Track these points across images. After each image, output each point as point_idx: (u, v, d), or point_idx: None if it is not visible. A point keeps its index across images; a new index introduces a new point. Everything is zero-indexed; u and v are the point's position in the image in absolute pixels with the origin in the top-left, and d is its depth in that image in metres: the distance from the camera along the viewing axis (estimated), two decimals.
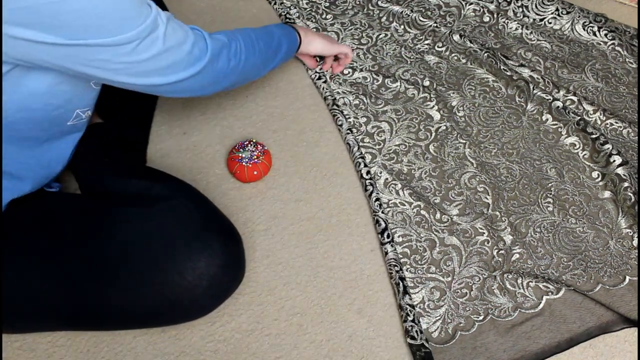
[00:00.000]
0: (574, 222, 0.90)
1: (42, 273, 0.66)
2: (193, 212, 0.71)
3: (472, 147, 0.99)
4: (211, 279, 0.68)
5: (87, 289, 0.67)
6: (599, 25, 1.14)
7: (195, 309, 0.71)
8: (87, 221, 0.70)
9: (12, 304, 0.65)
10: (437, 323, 0.80)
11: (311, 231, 0.90)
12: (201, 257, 0.67)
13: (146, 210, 0.70)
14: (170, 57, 0.63)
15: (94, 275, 0.66)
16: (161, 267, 0.63)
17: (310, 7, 1.19)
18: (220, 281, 0.70)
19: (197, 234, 0.69)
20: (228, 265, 0.71)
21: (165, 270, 0.63)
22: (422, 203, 0.92)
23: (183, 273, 0.66)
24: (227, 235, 0.73)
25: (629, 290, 0.83)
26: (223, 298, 0.74)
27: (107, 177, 0.78)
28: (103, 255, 0.67)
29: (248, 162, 0.91)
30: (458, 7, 1.20)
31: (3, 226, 0.66)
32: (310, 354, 0.78)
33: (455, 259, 0.86)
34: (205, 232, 0.70)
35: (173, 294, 0.67)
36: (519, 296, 0.83)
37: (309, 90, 1.07)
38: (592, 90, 1.07)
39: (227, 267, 0.70)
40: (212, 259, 0.68)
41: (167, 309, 0.68)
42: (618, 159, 0.93)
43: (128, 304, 0.68)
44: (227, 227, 0.75)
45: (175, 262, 0.66)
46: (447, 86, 1.07)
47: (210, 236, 0.69)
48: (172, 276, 0.63)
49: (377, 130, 1.01)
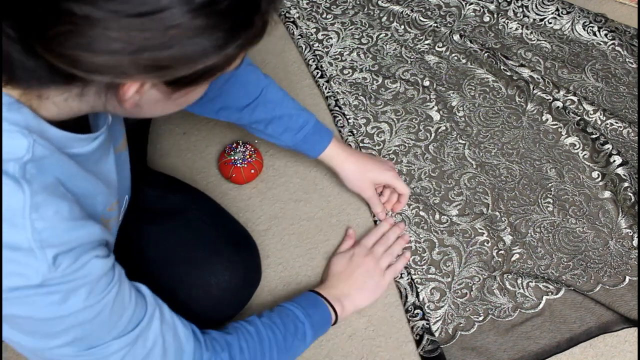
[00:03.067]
0: (574, 222, 0.90)
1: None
2: (210, 226, 0.72)
3: (472, 148, 0.99)
4: (234, 291, 0.69)
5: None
6: (599, 25, 1.14)
7: (218, 319, 0.72)
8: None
9: None
10: (438, 323, 0.81)
11: (311, 231, 0.90)
12: (225, 272, 0.68)
13: (162, 228, 0.70)
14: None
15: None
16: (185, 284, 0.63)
17: (311, 7, 1.19)
18: (242, 291, 0.71)
19: (216, 249, 0.69)
20: (249, 275, 0.72)
21: (190, 287, 0.63)
22: (421, 204, 0.92)
23: (207, 287, 0.66)
24: (245, 245, 0.74)
25: (629, 290, 0.83)
26: (245, 305, 0.75)
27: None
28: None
29: (242, 163, 0.91)
30: (458, 7, 1.20)
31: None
32: (310, 354, 0.78)
33: (455, 259, 0.86)
34: (224, 246, 0.70)
35: (199, 307, 0.67)
36: (519, 296, 0.83)
37: (309, 90, 1.07)
38: (592, 90, 1.07)
39: (247, 277, 0.72)
40: (234, 272, 0.69)
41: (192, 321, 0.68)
42: (618, 159, 0.93)
43: None
44: (243, 237, 0.76)
45: (199, 278, 0.66)
46: (447, 86, 1.07)
47: (229, 249, 0.70)
48: (197, 292, 0.63)
49: (377, 131, 1.01)
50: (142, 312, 0.51)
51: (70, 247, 0.43)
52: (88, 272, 0.44)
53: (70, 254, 0.43)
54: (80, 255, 0.44)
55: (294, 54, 1.12)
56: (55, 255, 0.41)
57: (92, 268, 0.45)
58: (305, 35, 1.14)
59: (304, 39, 1.13)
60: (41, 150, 0.43)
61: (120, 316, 0.48)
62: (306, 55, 1.10)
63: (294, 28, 1.15)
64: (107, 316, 0.47)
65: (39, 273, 0.41)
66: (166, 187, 0.78)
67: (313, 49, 1.12)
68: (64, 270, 0.42)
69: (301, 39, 1.13)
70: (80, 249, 0.44)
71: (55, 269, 0.41)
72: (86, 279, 0.44)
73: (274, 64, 1.11)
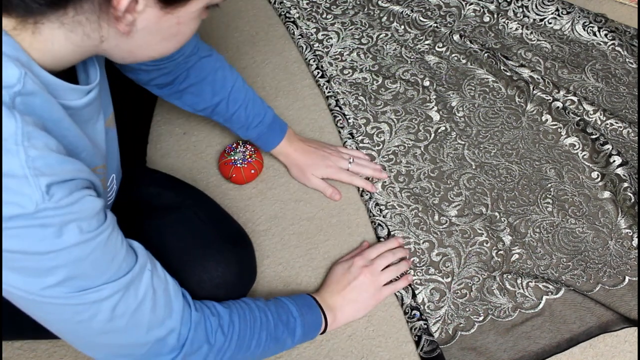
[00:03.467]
0: (574, 222, 0.90)
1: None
2: (205, 222, 0.71)
3: (472, 148, 0.99)
4: (228, 287, 0.68)
5: None
6: (599, 26, 1.14)
7: None
8: None
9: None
10: (438, 324, 0.81)
11: (311, 231, 0.90)
12: (218, 268, 0.67)
13: (158, 222, 0.70)
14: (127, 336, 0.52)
15: None
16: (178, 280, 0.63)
17: (311, 7, 1.20)
18: (236, 288, 0.70)
19: (210, 244, 0.69)
20: (243, 271, 0.71)
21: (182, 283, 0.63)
22: (420, 206, 0.92)
23: (201, 284, 0.66)
24: (240, 242, 0.73)
25: (629, 290, 0.83)
26: None
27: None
28: None
29: (243, 163, 0.91)
30: (458, 7, 1.20)
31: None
32: (310, 354, 0.78)
33: (455, 260, 0.87)
34: (218, 242, 0.69)
35: None
36: (519, 296, 0.83)
37: (309, 90, 1.07)
38: (592, 91, 1.07)
39: (242, 274, 0.71)
40: (228, 268, 0.68)
41: None
42: (618, 159, 0.93)
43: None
44: (239, 234, 0.75)
45: (192, 274, 0.66)
46: (447, 87, 1.07)
47: (224, 246, 0.69)
48: (191, 288, 0.63)
49: (377, 131, 1.01)
50: (134, 260, 0.51)
51: (62, 179, 0.43)
52: (81, 207, 0.44)
53: (64, 186, 0.43)
54: (74, 190, 0.44)
55: (294, 53, 1.12)
56: (49, 184, 0.41)
57: (86, 204, 0.45)
58: (306, 35, 1.14)
59: (304, 39, 1.13)
60: (32, 86, 0.43)
61: (112, 259, 0.48)
62: (306, 55, 1.11)
63: (294, 28, 1.15)
64: (100, 256, 0.47)
65: (33, 201, 0.40)
66: (163, 185, 0.78)
67: (313, 49, 1.12)
68: (57, 202, 0.42)
69: (301, 39, 1.13)
70: (72, 183, 0.44)
71: (49, 199, 0.41)
72: (80, 214, 0.44)
73: (274, 64, 1.11)
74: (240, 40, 1.14)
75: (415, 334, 0.79)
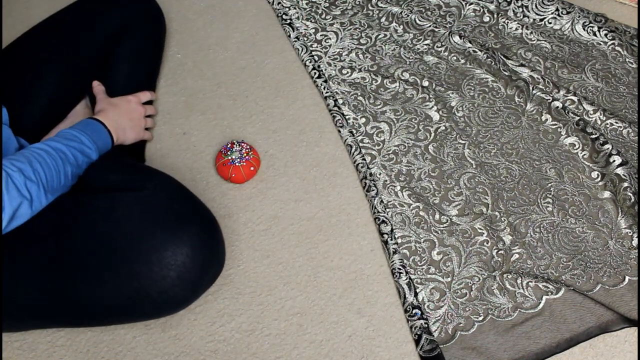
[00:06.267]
0: (574, 222, 0.90)
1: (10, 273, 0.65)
2: (162, 202, 0.70)
3: (472, 148, 0.99)
4: (179, 269, 0.66)
5: (57, 284, 0.66)
6: (599, 25, 1.14)
7: (166, 301, 0.69)
8: (57, 216, 0.69)
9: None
10: (437, 323, 0.81)
11: (311, 231, 0.90)
12: (168, 247, 0.66)
13: (114, 202, 0.70)
14: None
15: (65, 269, 0.66)
16: (127, 257, 0.62)
17: (310, 7, 1.20)
18: (191, 271, 0.67)
19: (163, 224, 0.67)
20: (198, 254, 0.68)
21: (132, 261, 0.62)
22: (421, 204, 0.92)
23: (149, 264, 0.65)
24: (199, 224, 0.70)
25: (629, 290, 0.83)
26: (198, 289, 0.72)
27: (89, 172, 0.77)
28: (72, 248, 0.67)
29: (241, 161, 0.91)
30: (458, 7, 1.20)
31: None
32: (310, 354, 0.78)
33: (455, 259, 0.87)
34: (173, 221, 0.68)
35: (141, 285, 0.66)
36: (519, 296, 0.83)
37: (309, 90, 1.07)
38: (592, 90, 1.07)
39: (197, 257, 0.68)
40: (179, 248, 0.66)
41: (137, 302, 0.67)
42: (618, 159, 0.93)
43: (98, 296, 0.67)
44: (200, 216, 0.73)
45: (140, 252, 0.65)
46: (446, 86, 1.07)
47: (178, 225, 0.68)
48: (139, 267, 0.62)
49: (377, 130, 1.01)
50: None
51: None
52: None
53: None
54: None
55: (294, 54, 1.12)
56: None
57: None
58: (304, 36, 1.14)
59: (300, 41, 1.13)
60: None
61: None
62: (302, 56, 1.11)
63: (290, 30, 1.15)
64: None
65: None
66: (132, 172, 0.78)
67: (310, 50, 1.12)
68: None
69: (297, 41, 1.13)
70: None
71: None
72: None
73: (274, 64, 1.11)
74: (240, 40, 1.14)
75: (415, 333, 0.79)
